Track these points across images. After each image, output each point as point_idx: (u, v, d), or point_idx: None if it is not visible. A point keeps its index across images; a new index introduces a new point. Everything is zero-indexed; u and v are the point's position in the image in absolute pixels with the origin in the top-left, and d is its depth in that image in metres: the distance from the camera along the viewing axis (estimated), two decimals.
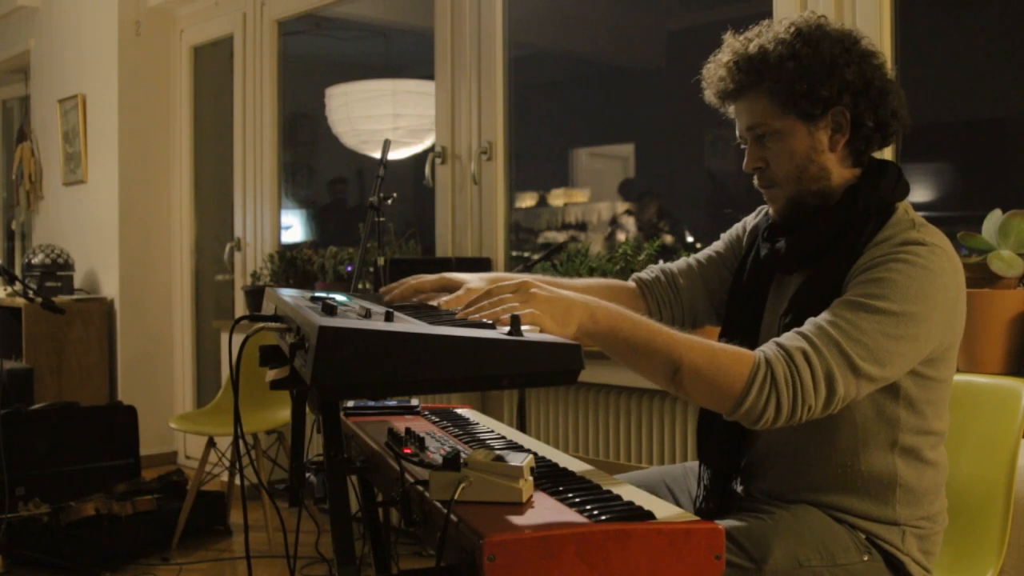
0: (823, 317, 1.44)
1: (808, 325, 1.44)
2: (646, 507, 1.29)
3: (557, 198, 4.24)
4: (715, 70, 1.63)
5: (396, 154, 4.33)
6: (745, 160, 1.64)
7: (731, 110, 1.67)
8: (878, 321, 1.41)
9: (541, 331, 1.35)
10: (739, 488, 1.70)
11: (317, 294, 1.65)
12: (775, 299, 1.68)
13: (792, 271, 1.64)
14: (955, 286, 1.49)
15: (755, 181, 1.66)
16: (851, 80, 1.53)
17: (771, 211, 1.68)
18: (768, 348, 1.43)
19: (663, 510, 1.29)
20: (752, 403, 1.39)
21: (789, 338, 1.43)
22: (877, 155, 1.67)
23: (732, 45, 1.62)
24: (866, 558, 1.53)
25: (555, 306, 1.39)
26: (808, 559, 1.49)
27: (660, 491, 1.80)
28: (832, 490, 1.57)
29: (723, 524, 1.52)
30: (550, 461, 1.59)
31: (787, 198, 1.61)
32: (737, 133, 1.67)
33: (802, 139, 1.56)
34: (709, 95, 1.68)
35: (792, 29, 1.56)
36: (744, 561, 1.47)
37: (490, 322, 1.37)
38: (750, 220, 1.86)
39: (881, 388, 1.50)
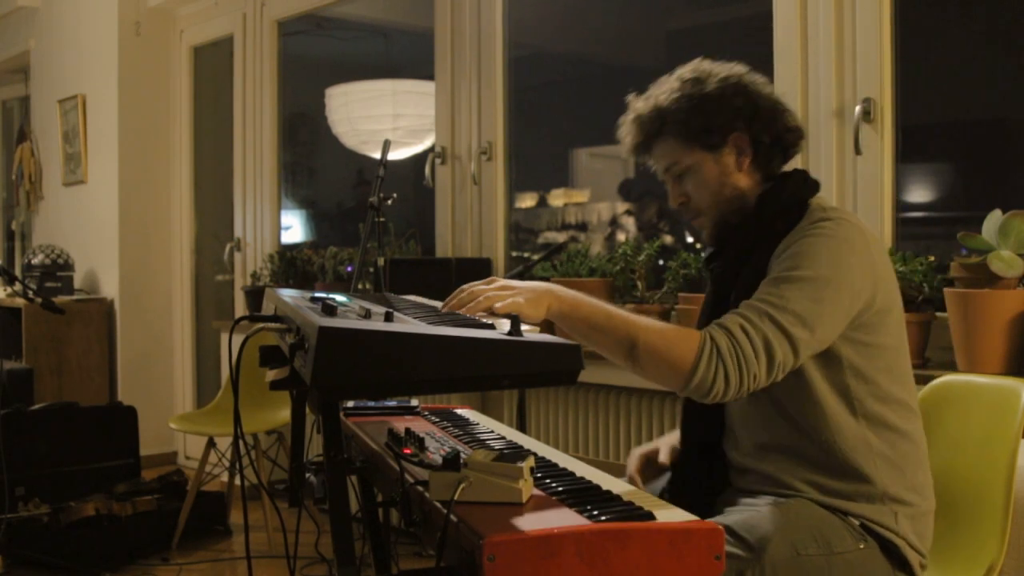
0: (753, 296, 1.57)
1: (740, 305, 1.57)
2: (646, 507, 1.29)
3: (557, 198, 4.24)
4: (626, 130, 1.81)
5: (396, 154, 4.33)
6: (669, 198, 1.81)
7: (650, 161, 1.83)
8: (799, 288, 1.53)
9: (537, 329, 1.36)
10: (737, 482, 1.74)
11: (317, 294, 1.65)
12: None
13: (735, 286, 1.73)
14: (866, 251, 1.60)
15: (683, 214, 1.82)
16: (740, 107, 1.70)
17: (704, 238, 1.84)
18: (710, 327, 1.54)
19: (663, 510, 1.29)
20: (702, 376, 1.49)
21: (726, 317, 1.55)
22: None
23: (634, 105, 1.80)
24: (862, 546, 1.57)
25: (526, 293, 1.51)
26: (806, 548, 1.53)
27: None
28: (822, 472, 1.62)
29: (719, 519, 1.55)
30: (550, 461, 1.59)
31: (713, 223, 1.76)
32: (659, 178, 1.83)
33: (711, 168, 1.72)
34: (627, 152, 1.83)
35: (680, 78, 1.75)
36: (742, 552, 1.49)
37: (490, 322, 1.38)
38: None
39: (825, 361, 1.60)
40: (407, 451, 1.49)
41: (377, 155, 3.32)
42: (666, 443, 1.93)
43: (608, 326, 1.52)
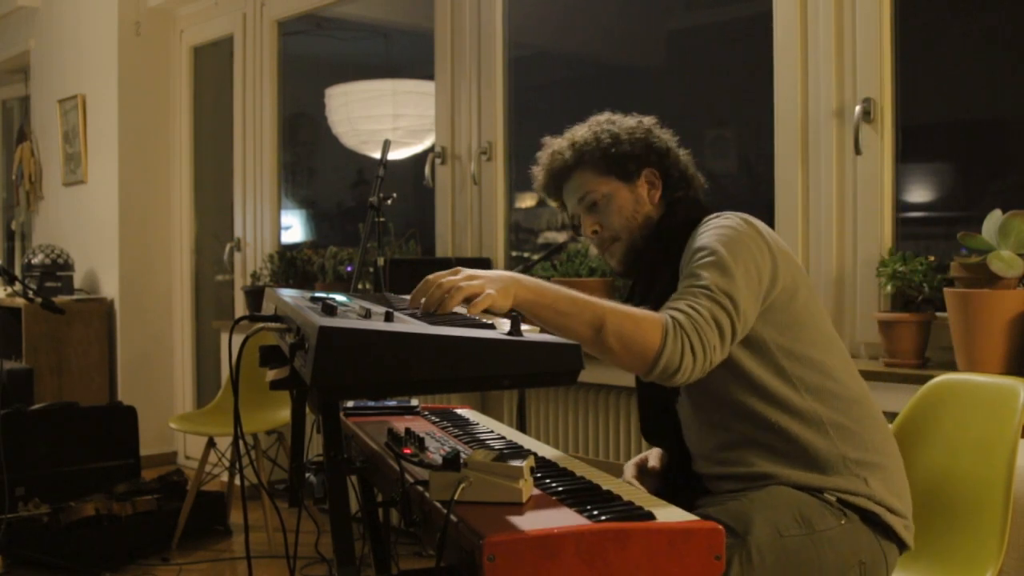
0: (679, 288, 1.63)
1: (674, 294, 1.63)
2: (646, 507, 1.29)
3: None
4: (542, 166, 1.92)
5: (396, 154, 4.32)
6: (582, 228, 1.89)
7: (558, 205, 1.94)
8: (710, 270, 1.61)
9: (537, 328, 1.36)
10: (709, 485, 1.77)
11: (317, 294, 1.65)
12: None
13: (651, 298, 1.78)
14: (756, 234, 1.68)
15: (595, 245, 1.90)
16: (653, 143, 1.84)
17: (613, 265, 1.89)
18: (665, 309, 1.58)
19: (663, 510, 1.29)
20: (670, 352, 1.52)
21: (671, 303, 1.60)
22: None
23: (551, 144, 1.92)
24: (843, 522, 1.60)
25: (495, 282, 1.51)
26: (788, 529, 1.55)
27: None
28: (782, 456, 1.65)
29: (702, 510, 1.57)
30: (550, 461, 1.59)
31: (624, 249, 1.85)
32: (570, 214, 1.92)
33: (625, 197, 1.83)
34: (540, 188, 1.94)
35: (596, 122, 1.88)
36: (728, 538, 1.49)
37: (490, 322, 1.38)
38: None
39: (753, 348, 1.66)
40: (407, 451, 1.49)
41: (377, 155, 3.32)
42: (655, 451, 1.96)
43: (573, 310, 1.53)
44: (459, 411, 2.11)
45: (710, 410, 1.71)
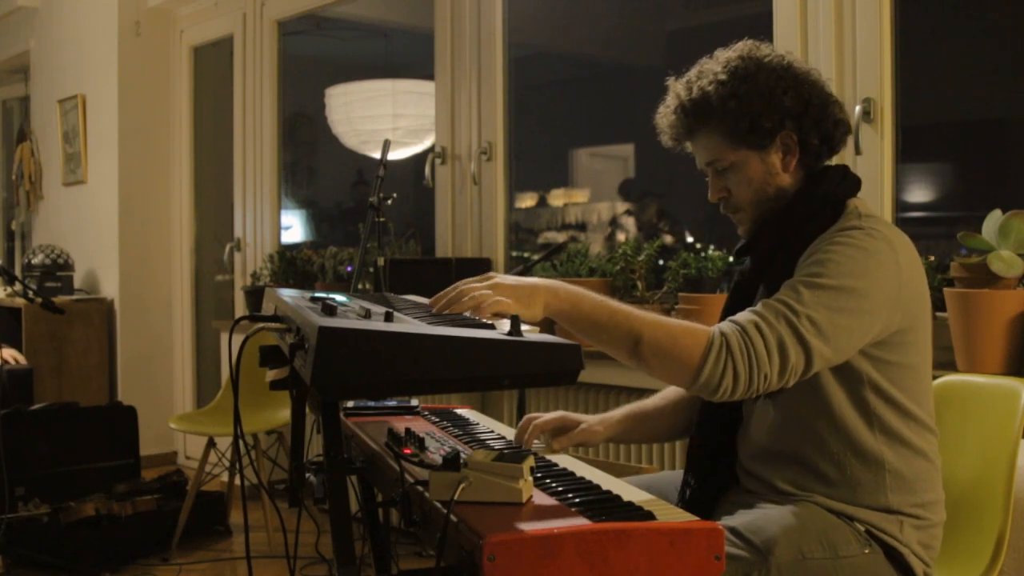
0: (773, 297, 1.52)
1: (759, 304, 1.52)
2: (646, 507, 1.29)
3: (557, 198, 4.25)
4: (666, 117, 1.75)
5: (396, 154, 4.33)
6: (709, 192, 1.75)
7: (688, 147, 1.77)
8: (818, 295, 1.48)
9: (537, 328, 1.36)
10: (745, 483, 1.74)
11: (317, 294, 1.65)
12: None
13: (759, 284, 1.71)
14: (895, 267, 1.54)
15: (721, 208, 1.76)
16: (790, 106, 1.63)
17: (740, 232, 1.77)
18: (723, 323, 1.49)
19: (663, 510, 1.29)
20: (709, 373, 1.44)
21: (741, 315, 1.50)
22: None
23: (676, 91, 1.72)
24: (867, 551, 1.56)
25: (520, 291, 1.46)
26: (811, 552, 1.52)
27: (669, 495, 1.80)
28: (828, 485, 1.61)
29: (725, 520, 1.55)
30: (550, 461, 1.59)
31: (752, 220, 1.72)
32: (698, 167, 1.77)
33: (757, 166, 1.67)
34: (665, 140, 1.78)
35: (729, 67, 1.66)
36: (749, 554, 1.48)
37: (490, 322, 1.38)
38: None
39: (844, 375, 1.57)
40: (407, 451, 1.49)
41: (377, 155, 3.32)
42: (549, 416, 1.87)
43: (610, 323, 1.47)
44: (459, 411, 2.11)
45: (776, 412, 1.65)
